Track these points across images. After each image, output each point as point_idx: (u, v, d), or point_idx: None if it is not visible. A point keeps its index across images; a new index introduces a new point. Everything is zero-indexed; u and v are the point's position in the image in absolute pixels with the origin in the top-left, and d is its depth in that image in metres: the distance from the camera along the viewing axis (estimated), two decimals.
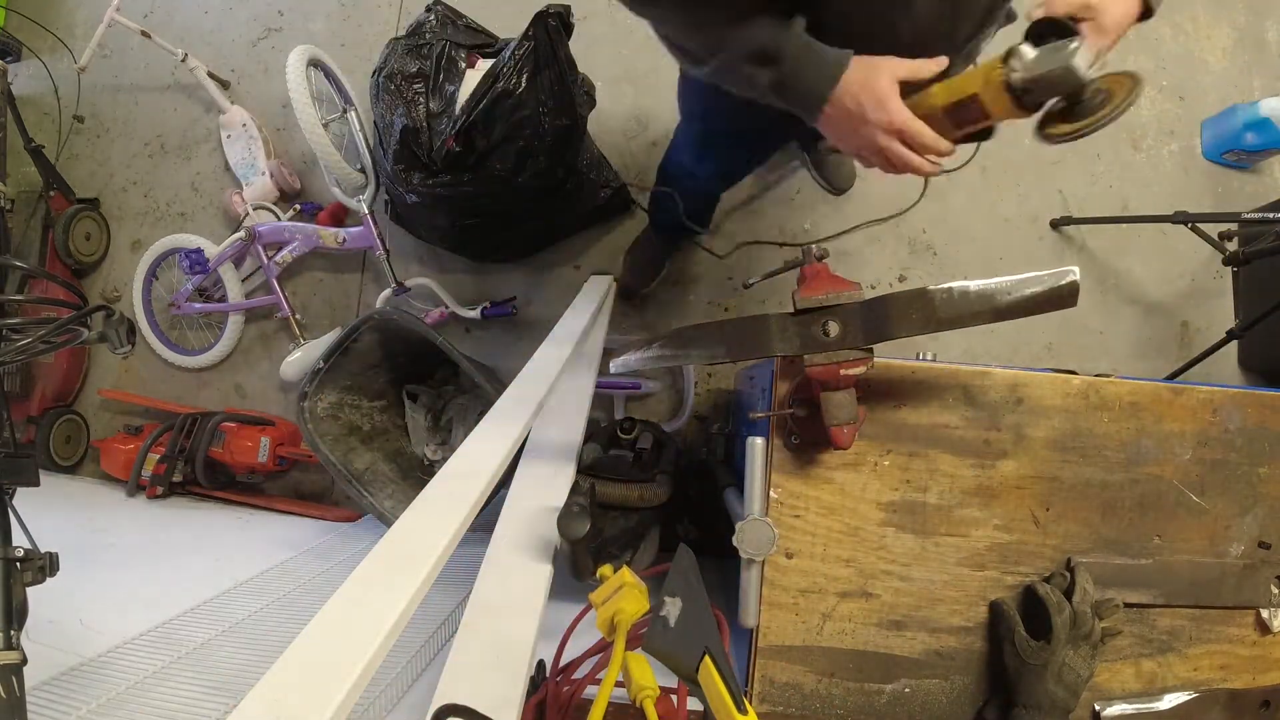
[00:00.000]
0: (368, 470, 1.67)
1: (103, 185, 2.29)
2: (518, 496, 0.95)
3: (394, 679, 1.02)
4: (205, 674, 1.05)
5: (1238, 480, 0.88)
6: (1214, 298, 1.82)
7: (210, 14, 2.28)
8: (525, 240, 1.86)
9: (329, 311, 2.08)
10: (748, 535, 0.81)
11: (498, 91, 1.49)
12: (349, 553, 1.63)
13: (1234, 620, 0.89)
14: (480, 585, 0.78)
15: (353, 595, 0.57)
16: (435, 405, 1.87)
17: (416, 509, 0.69)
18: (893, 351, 0.82)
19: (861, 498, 0.86)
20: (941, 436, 0.86)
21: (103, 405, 2.22)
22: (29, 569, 0.87)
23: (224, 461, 1.94)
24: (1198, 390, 0.87)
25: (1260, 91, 1.85)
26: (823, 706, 0.86)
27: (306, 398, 1.61)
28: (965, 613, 0.86)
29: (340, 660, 0.49)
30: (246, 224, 1.98)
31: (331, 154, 1.78)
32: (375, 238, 1.86)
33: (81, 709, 0.94)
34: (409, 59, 1.64)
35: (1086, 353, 1.82)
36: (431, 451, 1.82)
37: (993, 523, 0.86)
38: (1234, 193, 1.85)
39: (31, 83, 2.36)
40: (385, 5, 2.16)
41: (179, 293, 2.04)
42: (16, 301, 1.21)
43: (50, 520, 0.97)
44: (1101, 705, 0.86)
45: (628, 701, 0.58)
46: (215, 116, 2.14)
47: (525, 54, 1.49)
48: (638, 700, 0.57)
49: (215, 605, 1.27)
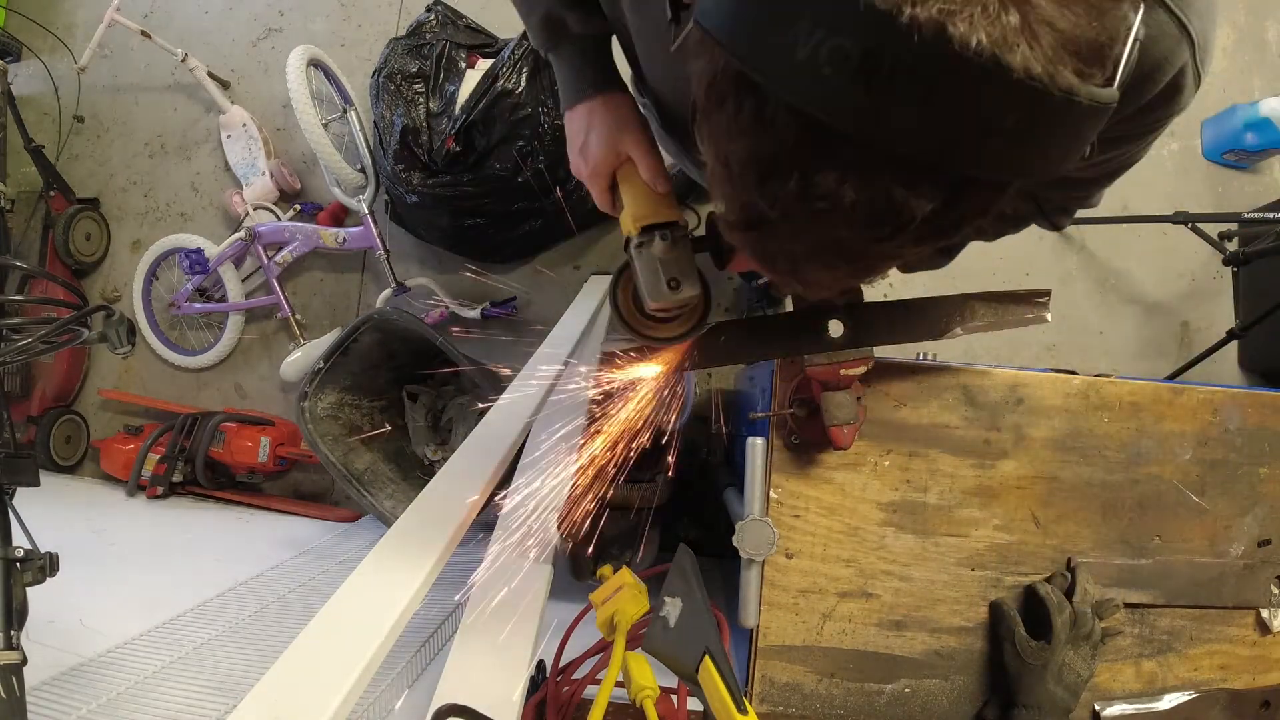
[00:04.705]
0: (368, 470, 1.67)
1: (103, 185, 2.29)
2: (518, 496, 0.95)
3: (394, 679, 1.02)
4: (205, 674, 1.05)
5: (1238, 480, 0.88)
6: (1214, 298, 1.82)
7: (210, 14, 2.28)
8: (525, 240, 1.86)
9: (329, 311, 2.08)
10: (748, 535, 0.81)
11: (497, 91, 1.49)
12: (349, 553, 1.63)
13: (1234, 620, 0.89)
14: (480, 585, 0.78)
15: (353, 595, 0.57)
16: (435, 405, 1.87)
17: (417, 508, 0.69)
18: (893, 351, 0.82)
19: (861, 498, 0.86)
20: (941, 436, 0.86)
21: (103, 405, 2.22)
22: (29, 569, 0.87)
23: (224, 461, 1.94)
24: (1198, 390, 0.87)
25: (1260, 91, 1.85)
26: (823, 706, 0.86)
27: (306, 398, 1.61)
28: (965, 613, 0.86)
29: (340, 660, 0.49)
30: (246, 224, 1.98)
31: (331, 154, 1.78)
32: (375, 238, 1.86)
33: (81, 709, 0.94)
34: (409, 59, 1.65)
35: (1086, 353, 1.82)
36: (431, 451, 1.82)
37: (993, 523, 0.86)
38: (1234, 193, 1.85)
39: (31, 83, 2.36)
40: (385, 5, 2.16)
41: (179, 293, 2.04)
42: (17, 301, 1.21)
43: (50, 520, 0.97)
44: (1101, 705, 0.86)
45: (628, 701, 0.58)
46: (215, 116, 2.14)
47: (525, 54, 1.49)
48: (638, 700, 0.57)
49: (215, 605, 1.27)
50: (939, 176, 0.32)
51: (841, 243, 0.36)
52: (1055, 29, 0.28)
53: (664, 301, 0.63)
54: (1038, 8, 0.28)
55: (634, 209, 0.66)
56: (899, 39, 0.28)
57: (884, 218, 0.33)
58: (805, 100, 0.31)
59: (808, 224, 0.35)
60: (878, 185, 0.32)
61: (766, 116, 0.32)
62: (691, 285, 0.63)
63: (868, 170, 0.32)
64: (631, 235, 0.65)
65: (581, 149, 0.70)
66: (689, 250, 0.64)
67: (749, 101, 0.33)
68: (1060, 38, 0.28)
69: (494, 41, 1.75)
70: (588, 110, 0.69)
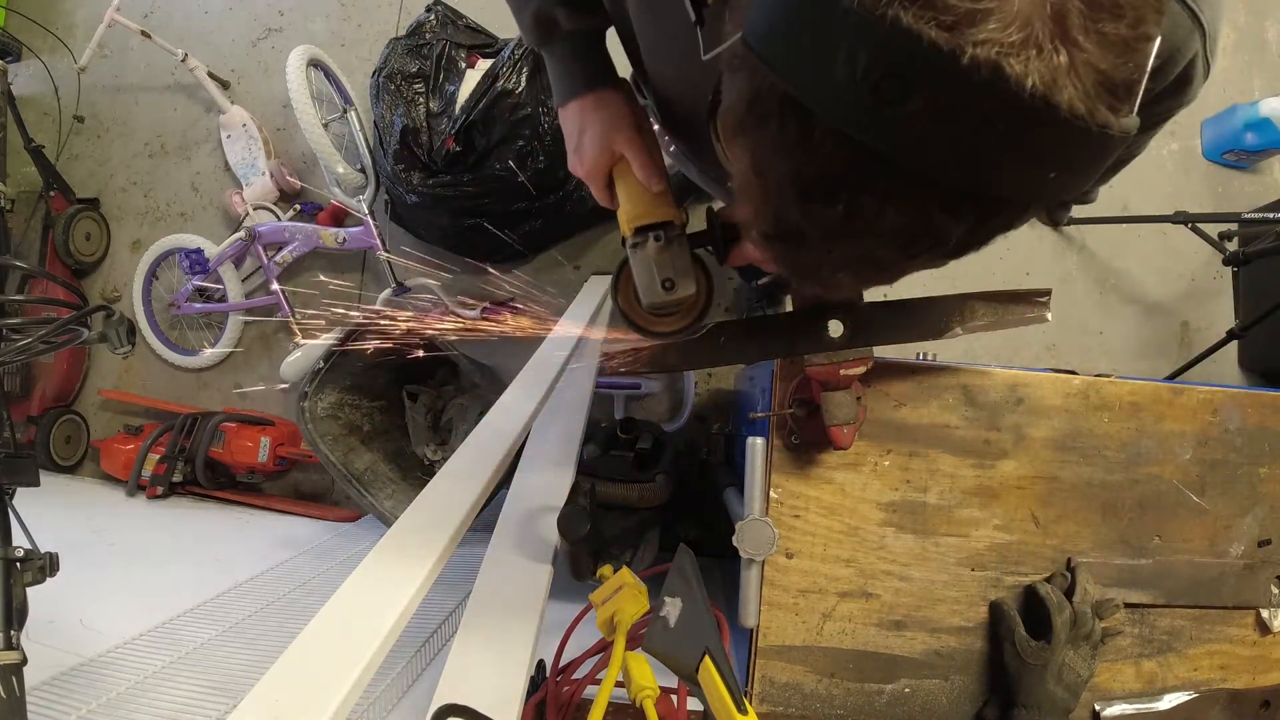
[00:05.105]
0: (368, 470, 1.67)
1: (103, 185, 2.29)
2: (518, 496, 0.95)
3: (394, 679, 1.02)
4: (205, 674, 1.05)
5: (1238, 480, 0.88)
6: (1214, 298, 1.82)
7: (210, 14, 2.28)
8: (525, 240, 1.86)
9: (329, 311, 2.08)
10: (748, 535, 0.81)
11: (497, 91, 1.49)
12: (349, 553, 1.63)
13: (1234, 620, 0.89)
14: (480, 585, 0.78)
15: (352, 596, 0.57)
16: (435, 405, 1.87)
17: (417, 508, 0.69)
18: (893, 351, 0.82)
19: (861, 498, 0.86)
20: (941, 436, 0.86)
21: (103, 405, 2.22)
22: (29, 569, 0.87)
23: (224, 461, 1.94)
24: (1198, 390, 0.87)
25: (1260, 91, 1.85)
26: (823, 706, 0.86)
27: (306, 398, 1.61)
28: (965, 613, 0.86)
29: (340, 660, 0.49)
30: (246, 224, 1.98)
31: (331, 154, 1.78)
32: (375, 238, 1.86)
33: (81, 709, 0.94)
34: (409, 59, 1.65)
35: (1086, 353, 1.82)
36: (431, 451, 1.82)
37: (993, 523, 0.86)
38: (1234, 193, 1.85)
39: (31, 83, 2.36)
40: (385, 5, 2.16)
41: (179, 293, 2.04)
42: (17, 301, 1.21)
43: (50, 520, 0.97)
44: (1101, 705, 0.86)
45: (628, 701, 0.59)
46: (215, 116, 2.14)
47: (525, 54, 1.50)
48: (638, 700, 0.57)
49: (215, 605, 1.27)
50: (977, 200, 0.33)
51: (875, 257, 0.37)
52: (1097, 69, 0.30)
53: (659, 300, 0.63)
54: (1085, 50, 0.29)
55: (628, 208, 0.66)
56: (958, 77, 0.28)
57: (921, 238, 0.35)
58: (856, 129, 0.31)
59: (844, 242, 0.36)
60: (919, 209, 0.33)
61: (814, 140, 0.33)
62: (687, 284, 0.63)
63: (910, 196, 0.33)
64: (626, 235, 0.65)
65: (577, 148, 0.70)
66: (685, 249, 0.64)
67: (794, 123, 0.33)
68: (1100, 77, 0.30)
69: (494, 41, 1.75)
70: (579, 108, 0.69)
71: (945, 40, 0.28)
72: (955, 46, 0.28)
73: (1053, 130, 0.30)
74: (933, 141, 0.31)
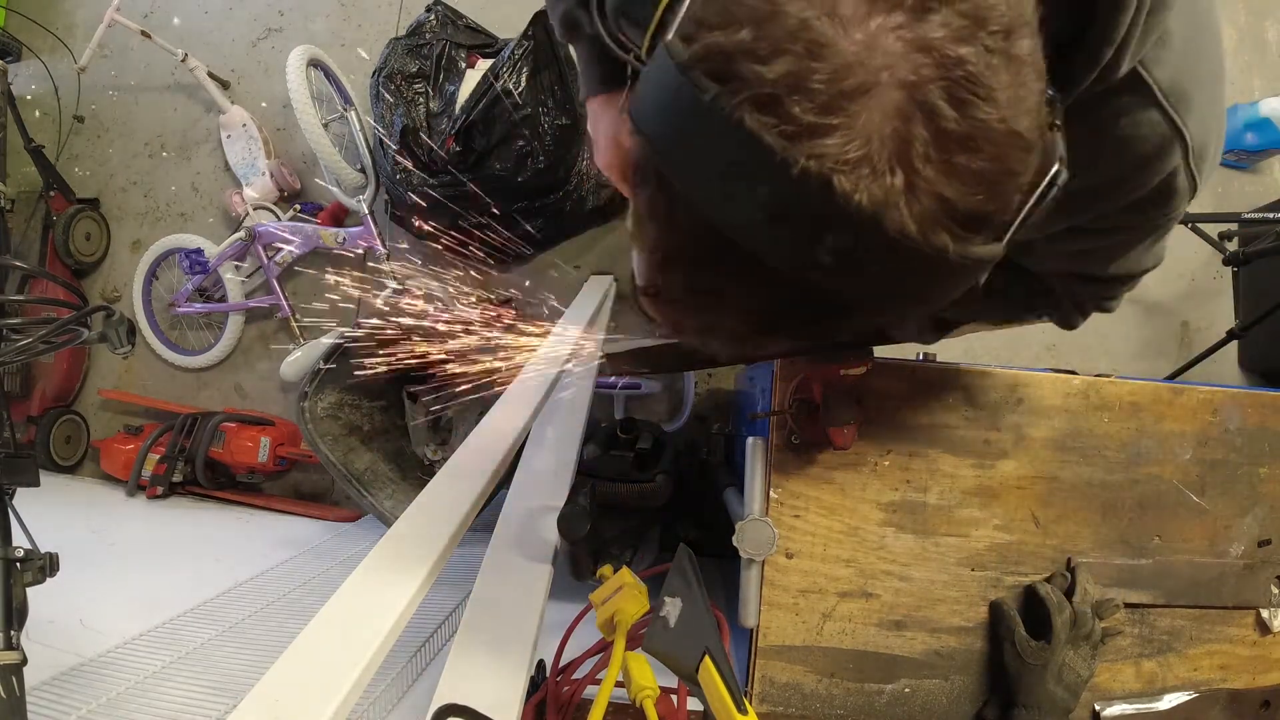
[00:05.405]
0: (368, 470, 1.67)
1: (103, 185, 2.29)
2: (518, 496, 0.95)
3: (394, 679, 1.02)
4: (205, 674, 1.05)
5: (1238, 480, 0.88)
6: (1214, 298, 1.82)
7: (210, 14, 2.28)
8: (525, 240, 1.86)
9: (329, 311, 2.08)
10: (748, 535, 0.81)
11: (497, 91, 1.49)
12: (349, 553, 1.63)
13: (1234, 620, 0.89)
14: (480, 585, 0.78)
15: (352, 596, 0.57)
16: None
17: (417, 508, 0.69)
18: (893, 351, 0.82)
19: (861, 498, 0.86)
20: (941, 436, 0.86)
21: (103, 405, 2.21)
22: (29, 569, 0.87)
23: (224, 461, 1.94)
24: (1198, 390, 0.87)
25: (1260, 91, 1.85)
26: (823, 706, 0.86)
27: (306, 398, 1.61)
28: (965, 613, 0.86)
29: (340, 660, 0.49)
30: (246, 224, 1.98)
31: (331, 154, 1.78)
32: (375, 238, 1.86)
33: (81, 709, 0.94)
34: (409, 59, 1.65)
35: (1086, 353, 1.81)
36: (431, 451, 1.82)
37: (993, 523, 0.86)
38: (1234, 193, 1.85)
39: (31, 83, 2.35)
40: (385, 5, 2.16)
41: (179, 293, 2.04)
42: (17, 301, 1.21)
43: (50, 520, 0.97)
44: (1101, 705, 0.86)
45: (628, 701, 0.59)
46: (215, 116, 2.14)
47: (525, 54, 1.49)
48: (638, 700, 0.57)
49: (215, 605, 1.27)
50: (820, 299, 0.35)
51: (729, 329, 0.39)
52: (940, 196, 0.31)
53: None
54: (924, 175, 0.30)
55: None
56: (792, 183, 0.30)
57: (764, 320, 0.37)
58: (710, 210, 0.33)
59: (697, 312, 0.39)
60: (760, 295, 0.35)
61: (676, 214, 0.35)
62: None
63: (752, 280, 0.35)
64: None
65: (594, 143, 0.75)
66: None
67: (663, 196, 0.36)
68: (942, 204, 0.31)
69: (494, 41, 1.75)
70: (595, 106, 0.73)
71: (782, 148, 0.30)
72: (789, 156, 0.30)
73: (882, 248, 0.31)
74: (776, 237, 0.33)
